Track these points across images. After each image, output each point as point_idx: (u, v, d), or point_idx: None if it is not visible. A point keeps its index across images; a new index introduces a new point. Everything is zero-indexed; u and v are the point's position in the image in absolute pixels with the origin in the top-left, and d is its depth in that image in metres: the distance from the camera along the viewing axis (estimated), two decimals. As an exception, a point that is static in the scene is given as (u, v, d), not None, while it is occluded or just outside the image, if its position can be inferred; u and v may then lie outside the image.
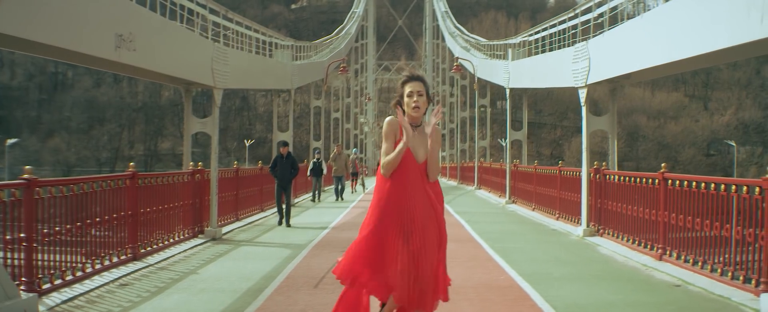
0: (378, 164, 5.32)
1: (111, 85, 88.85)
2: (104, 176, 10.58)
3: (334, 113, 44.16)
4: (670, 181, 10.47)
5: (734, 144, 77.85)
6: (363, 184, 32.78)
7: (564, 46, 17.41)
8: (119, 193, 10.39)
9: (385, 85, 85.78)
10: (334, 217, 18.52)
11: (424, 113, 5.24)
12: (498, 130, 48.69)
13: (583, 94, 14.54)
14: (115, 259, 10.13)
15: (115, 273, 9.73)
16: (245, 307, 7.86)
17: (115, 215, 10.15)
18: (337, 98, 48.71)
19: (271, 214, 19.01)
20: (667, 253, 10.53)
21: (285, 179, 16.18)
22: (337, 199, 24.84)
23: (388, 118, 5.11)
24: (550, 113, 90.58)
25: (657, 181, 10.90)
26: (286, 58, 23.39)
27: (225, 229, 14.95)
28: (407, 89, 5.09)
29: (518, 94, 25.21)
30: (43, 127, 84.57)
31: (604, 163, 14.18)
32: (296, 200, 23.93)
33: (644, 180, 11.48)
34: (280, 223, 16.27)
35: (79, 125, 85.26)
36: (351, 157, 35.85)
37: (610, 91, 15.14)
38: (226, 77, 14.79)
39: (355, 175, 31.77)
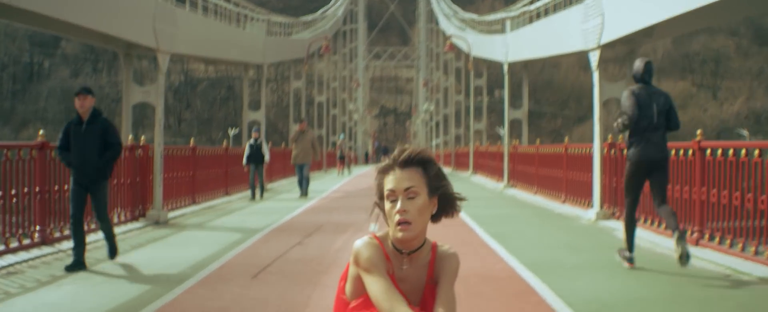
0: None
1: (89, 75, 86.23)
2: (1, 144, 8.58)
3: (318, 97, 42.06)
4: (709, 151, 8.44)
5: (746, 133, 75.51)
6: (349, 168, 32.91)
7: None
8: (22, 165, 8.42)
9: (377, 74, 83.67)
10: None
11: (425, 224, 2.61)
12: (495, 120, 46.07)
13: (595, 58, 12.50)
14: (14, 244, 8.19)
15: (10, 259, 7.81)
16: (152, 300, 5.81)
17: (14, 192, 8.15)
18: (327, 86, 46.56)
19: (235, 198, 16.88)
20: (705, 237, 8.47)
21: (87, 170, 7.61)
22: (301, 195, 17.30)
23: (360, 243, 2.59)
24: (550, 103, 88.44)
25: (691, 151, 8.85)
26: (259, 30, 21.16)
27: (175, 213, 12.91)
28: (387, 184, 2.56)
29: (518, 74, 23.25)
30: (17, 117, 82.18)
31: (620, 136, 12.02)
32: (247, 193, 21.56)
33: (674, 152, 9.40)
34: (75, 265, 7.32)
35: (55, 116, 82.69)
36: (338, 142, 35.87)
37: (627, 54, 13.09)
38: (175, 40, 12.67)
39: (342, 159, 32.82)
